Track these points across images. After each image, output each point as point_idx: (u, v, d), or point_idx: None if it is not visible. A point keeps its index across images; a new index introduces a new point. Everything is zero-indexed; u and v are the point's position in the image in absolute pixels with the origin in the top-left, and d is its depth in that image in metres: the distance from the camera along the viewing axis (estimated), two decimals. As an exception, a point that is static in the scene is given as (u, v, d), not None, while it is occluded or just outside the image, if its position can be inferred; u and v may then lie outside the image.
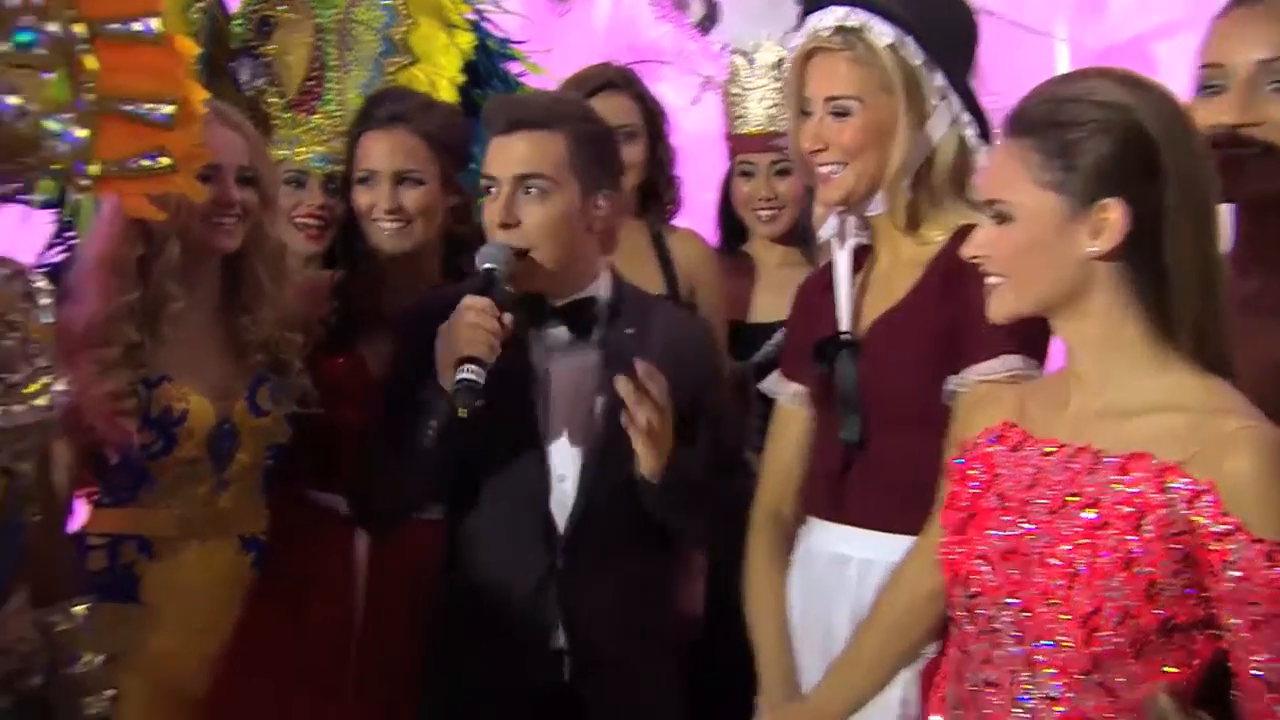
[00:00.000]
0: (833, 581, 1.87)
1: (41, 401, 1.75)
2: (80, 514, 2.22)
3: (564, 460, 2.01)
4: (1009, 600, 1.43)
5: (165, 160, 1.85)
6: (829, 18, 1.85)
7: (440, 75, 2.68)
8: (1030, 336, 1.64)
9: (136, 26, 1.83)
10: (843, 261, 1.92)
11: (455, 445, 1.98)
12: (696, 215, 2.76)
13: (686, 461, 1.99)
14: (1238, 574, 1.29)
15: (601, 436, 2.00)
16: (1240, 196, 1.66)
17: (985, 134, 1.82)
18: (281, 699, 2.18)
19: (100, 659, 1.90)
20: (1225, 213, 1.57)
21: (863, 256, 1.95)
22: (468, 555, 2.07)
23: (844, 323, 1.90)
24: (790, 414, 2.00)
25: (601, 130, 2.05)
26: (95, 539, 2.14)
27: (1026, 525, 1.42)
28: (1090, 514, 1.37)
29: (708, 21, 3.05)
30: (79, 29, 1.80)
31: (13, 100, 1.72)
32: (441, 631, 2.10)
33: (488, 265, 1.92)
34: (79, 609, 1.89)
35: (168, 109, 1.85)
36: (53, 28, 1.79)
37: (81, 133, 1.80)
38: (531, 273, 1.96)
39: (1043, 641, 1.40)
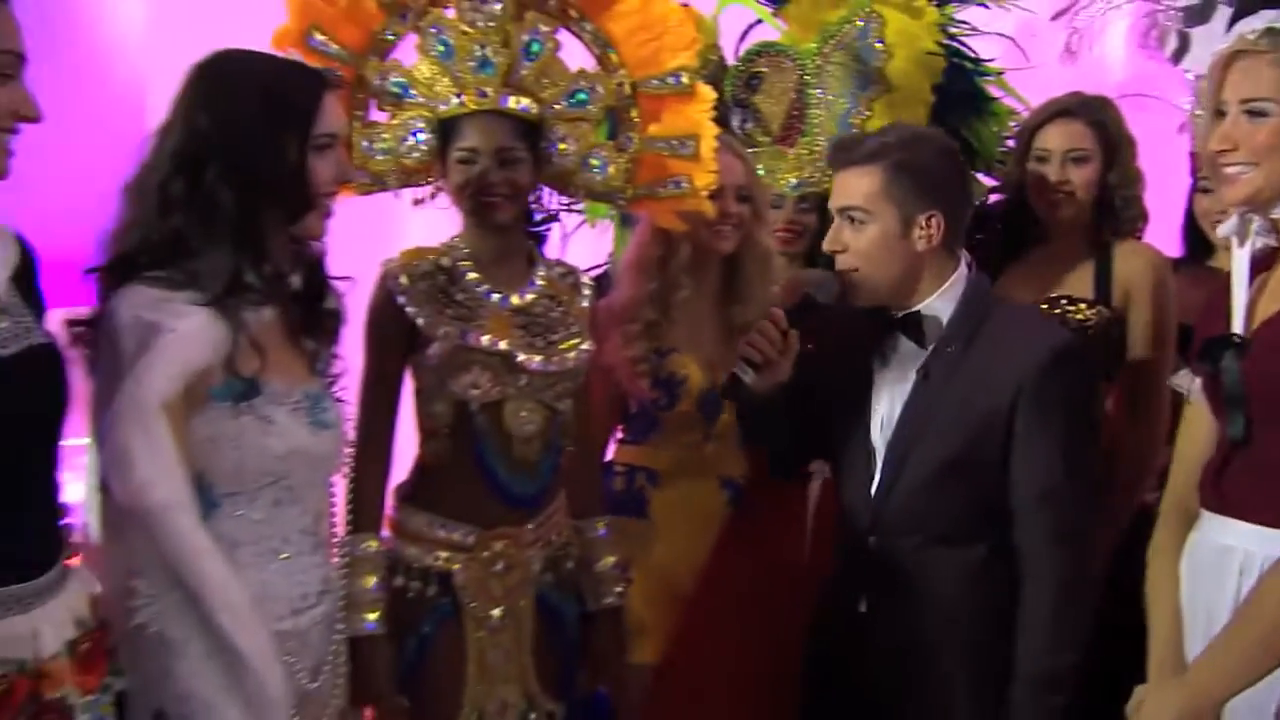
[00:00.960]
0: (1217, 572, 1.79)
1: (571, 356, 2.14)
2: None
3: (879, 453, 2.05)
4: None
5: (687, 185, 2.20)
6: (1258, 21, 1.76)
7: (911, 100, 2.79)
8: None
9: (670, 80, 2.20)
10: (1241, 261, 1.83)
11: (761, 417, 2.10)
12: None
13: None
14: None
15: (900, 440, 2.01)
16: None
17: None
18: (747, 610, 2.37)
19: (614, 562, 2.27)
20: None
21: (1274, 258, 1.85)
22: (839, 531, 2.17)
23: (1237, 323, 1.81)
24: (1197, 408, 1.92)
25: (925, 160, 2.00)
26: (618, 468, 2.51)
27: None
28: None
29: (1180, 53, 2.95)
30: (626, 89, 2.19)
31: (563, 146, 2.13)
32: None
33: (807, 291, 2.08)
34: (600, 523, 2.27)
35: (690, 145, 2.19)
36: (600, 89, 2.16)
37: (613, 167, 2.17)
38: (858, 290, 2.01)
39: None
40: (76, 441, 1.69)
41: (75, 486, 1.73)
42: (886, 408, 2.05)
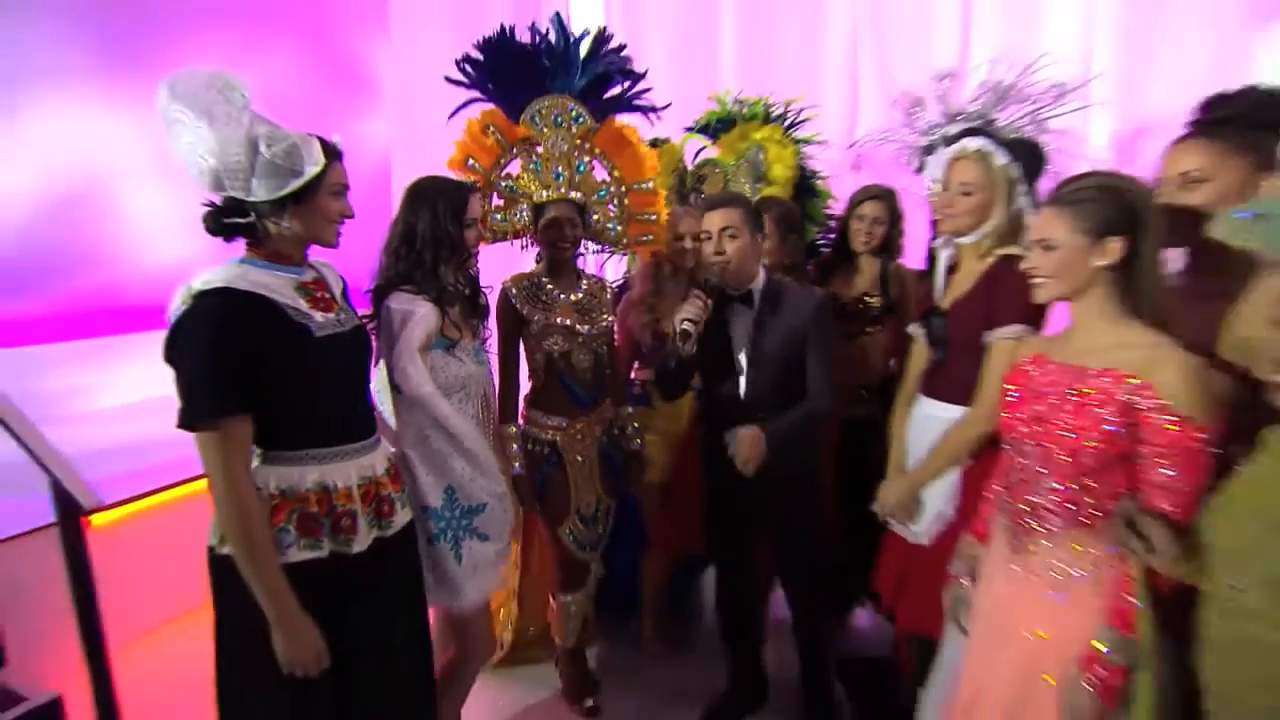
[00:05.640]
0: (925, 428, 2.61)
1: (604, 326, 3.01)
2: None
3: (743, 370, 2.71)
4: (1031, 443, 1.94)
5: (652, 237, 3.20)
6: (970, 143, 2.23)
7: (782, 188, 3.89)
8: None
9: (644, 185, 3.15)
10: (941, 264, 2.47)
11: (681, 374, 2.73)
12: None
13: (780, 429, 2.56)
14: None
15: (754, 359, 2.67)
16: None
17: None
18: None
19: (635, 427, 3.24)
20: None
21: (956, 265, 2.44)
22: (714, 416, 2.88)
23: (940, 299, 2.47)
24: (920, 344, 2.65)
25: (752, 206, 2.60)
26: (636, 382, 3.53)
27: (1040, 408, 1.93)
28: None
29: (920, 169, 3.05)
30: (624, 189, 3.12)
31: (595, 218, 2.98)
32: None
33: (709, 280, 2.67)
34: (626, 410, 3.26)
35: (655, 216, 3.15)
36: (612, 189, 2.97)
37: (618, 228, 3.11)
38: (732, 277, 2.69)
39: (1050, 462, 1.92)
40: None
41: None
42: (741, 342, 2.75)
